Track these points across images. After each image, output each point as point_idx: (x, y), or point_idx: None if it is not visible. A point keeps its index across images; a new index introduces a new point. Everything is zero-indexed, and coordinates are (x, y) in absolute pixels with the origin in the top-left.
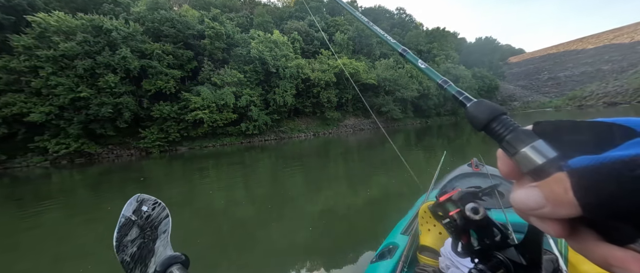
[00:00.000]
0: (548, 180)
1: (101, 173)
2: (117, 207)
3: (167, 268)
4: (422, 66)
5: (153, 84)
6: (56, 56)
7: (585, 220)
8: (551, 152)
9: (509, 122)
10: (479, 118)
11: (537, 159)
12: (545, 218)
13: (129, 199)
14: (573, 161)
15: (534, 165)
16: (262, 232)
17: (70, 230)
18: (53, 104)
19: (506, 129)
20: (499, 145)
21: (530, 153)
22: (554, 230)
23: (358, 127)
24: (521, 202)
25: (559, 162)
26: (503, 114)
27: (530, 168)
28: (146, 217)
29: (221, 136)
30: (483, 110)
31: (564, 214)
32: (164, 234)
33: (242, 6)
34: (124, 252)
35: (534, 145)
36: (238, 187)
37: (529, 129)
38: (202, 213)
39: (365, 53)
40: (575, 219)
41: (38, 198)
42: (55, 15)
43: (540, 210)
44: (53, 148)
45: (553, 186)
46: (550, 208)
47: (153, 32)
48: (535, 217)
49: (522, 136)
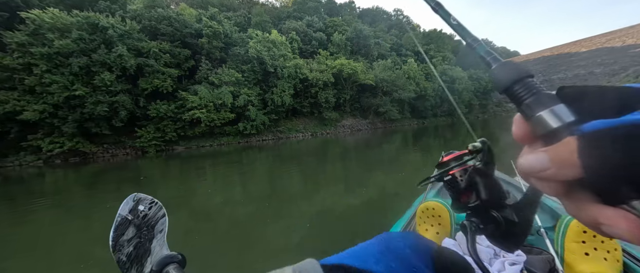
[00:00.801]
0: (557, 144)
1: (96, 173)
2: (114, 205)
3: (164, 268)
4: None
5: (150, 82)
6: (51, 53)
7: (584, 182)
8: (569, 117)
9: (534, 84)
10: (503, 79)
11: (553, 123)
12: (545, 180)
13: (126, 198)
14: (587, 125)
15: (548, 128)
16: (259, 232)
17: (64, 230)
18: (47, 102)
19: (529, 91)
20: (517, 108)
21: (547, 117)
22: (551, 189)
23: (356, 128)
24: (527, 163)
25: (573, 127)
26: (529, 76)
27: (543, 132)
28: (143, 216)
29: (218, 136)
30: (508, 70)
31: (566, 176)
32: (160, 234)
33: (240, 5)
34: (120, 252)
35: (553, 109)
36: (235, 187)
37: (553, 93)
38: (199, 213)
39: (363, 54)
40: (573, 181)
41: (31, 197)
42: (50, 12)
43: (544, 172)
44: (47, 147)
45: (560, 150)
46: (554, 170)
47: (150, 30)
48: (536, 178)
49: (544, 99)
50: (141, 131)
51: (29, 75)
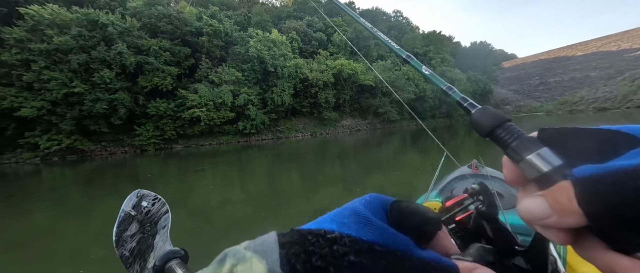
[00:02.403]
0: (553, 188)
1: (94, 171)
2: (112, 203)
3: (167, 263)
4: (426, 73)
5: (149, 80)
6: (49, 50)
7: (591, 228)
8: (556, 160)
9: (514, 129)
10: (484, 125)
11: (543, 167)
12: (551, 227)
13: (129, 194)
14: (577, 170)
15: (539, 172)
16: (258, 231)
17: (60, 228)
18: (45, 98)
19: (511, 136)
20: (504, 152)
21: (536, 161)
22: (559, 238)
23: (355, 128)
24: (528, 211)
25: (564, 170)
26: (508, 120)
27: (535, 176)
28: (146, 212)
29: (218, 135)
30: (488, 116)
31: (569, 223)
32: (163, 230)
33: (240, 4)
34: (123, 247)
35: (539, 153)
36: (234, 186)
37: (534, 136)
38: (198, 212)
39: (363, 54)
40: (580, 227)
41: (28, 195)
42: (49, 7)
43: (547, 220)
44: (44, 145)
45: (557, 195)
46: (556, 218)
47: (150, 28)
48: (541, 226)
49: (527, 143)
50: (140, 129)
51: (27, 72)
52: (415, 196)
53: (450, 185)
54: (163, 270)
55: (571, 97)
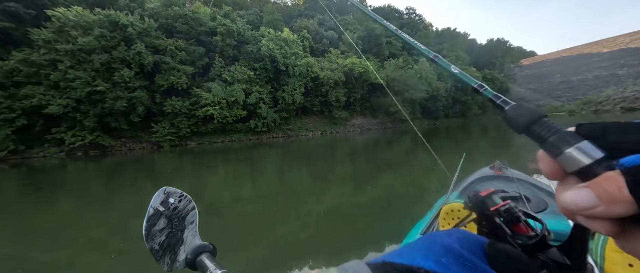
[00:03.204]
0: (598, 179)
1: (115, 165)
2: (132, 197)
3: (197, 257)
4: (456, 71)
5: (166, 79)
6: (74, 50)
7: (635, 218)
8: (598, 153)
9: (551, 124)
10: (520, 120)
11: (585, 160)
12: (596, 218)
13: (157, 191)
14: (625, 160)
15: (581, 165)
16: (269, 228)
17: (85, 219)
18: (70, 96)
19: (549, 130)
20: (541, 146)
21: (577, 154)
22: (605, 228)
23: (365, 127)
24: (572, 202)
25: (609, 162)
26: (544, 116)
27: (576, 169)
28: (173, 208)
29: (230, 132)
30: (524, 112)
31: (619, 212)
32: (191, 225)
33: (252, 4)
34: (152, 241)
35: (579, 146)
36: (246, 183)
37: (573, 131)
38: (210, 207)
39: (374, 53)
40: (626, 218)
41: (56, 187)
42: (74, 10)
43: (593, 210)
44: (69, 140)
45: (606, 185)
46: (605, 207)
47: (167, 28)
48: (585, 216)
49: (567, 137)
50: (157, 126)
51: (54, 71)
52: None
53: (472, 187)
54: (194, 263)
55: (596, 96)
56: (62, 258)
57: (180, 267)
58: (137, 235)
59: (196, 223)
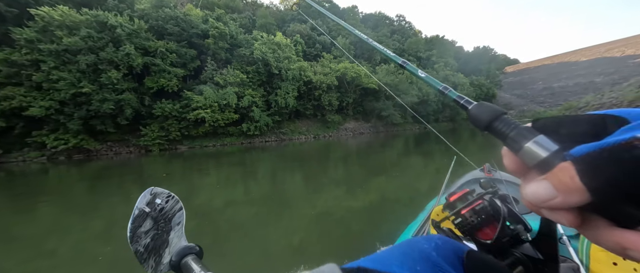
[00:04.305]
0: (554, 171)
1: (100, 170)
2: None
3: (183, 258)
4: (422, 75)
5: (156, 81)
6: (59, 50)
7: (595, 208)
8: (552, 145)
9: (510, 121)
10: (482, 118)
11: (541, 152)
12: (557, 209)
13: (143, 192)
14: (574, 150)
15: (539, 158)
16: (261, 233)
17: (66, 226)
18: (54, 98)
19: (508, 127)
20: (503, 143)
21: (534, 148)
22: (566, 219)
23: (358, 131)
24: (532, 194)
25: (562, 153)
26: (503, 113)
27: (535, 162)
28: (160, 209)
29: (222, 136)
30: (484, 111)
31: (574, 201)
32: (178, 226)
33: (245, 7)
34: (137, 243)
35: (536, 140)
36: (238, 187)
37: (529, 126)
38: (201, 213)
39: (366, 58)
40: (585, 208)
41: (34, 193)
42: (60, 9)
43: (552, 201)
44: (51, 144)
45: (560, 175)
46: (562, 197)
47: (157, 29)
48: (546, 208)
49: (524, 132)
50: (145, 130)
51: (37, 72)
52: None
53: (462, 189)
54: (179, 266)
55: (576, 102)
56: (42, 269)
57: (164, 270)
58: (122, 241)
59: (183, 225)
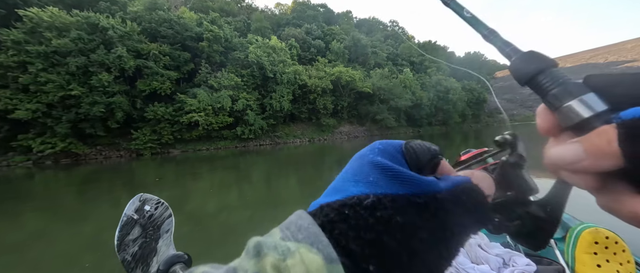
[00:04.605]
0: (590, 134)
1: (88, 175)
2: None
3: (170, 267)
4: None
5: (148, 84)
6: (47, 52)
7: (623, 174)
8: (601, 106)
9: (559, 74)
10: (525, 70)
11: (583, 113)
12: (580, 172)
13: (132, 198)
14: (625, 113)
15: (579, 119)
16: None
17: (52, 234)
18: (41, 101)
19: (555, 81)
20: (543, 99)
21: (577, 107)
22: (585, 182)
23: (352, 135)
24: (557, 156)
25: (608, 115)
26: (554, 65)
27: (572, 123)
28: (149, 216)
29: (216, 139)
30: (531, 60)
31: (603, 167)
32: (166, 234)
33: (240, 11)
34: (125, 251)
35: (582, 99)
36: (232, 191)
37: (580, 82)
38: (194, 218)
39: (361, 62)
40: (609, 173)
41: (19, 199)
42: (49, 10)
43: (578, 164)
44: (37, 148)
45: (595, 139)
46: (590, 161)
47: (150, 32)
48: (570, 170)
49: (572, 88)
50: (137, 133)
51: (24, 74)
52: None
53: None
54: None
55: None
56: None
57: None
58: (110, 249)
59: (172, 232)
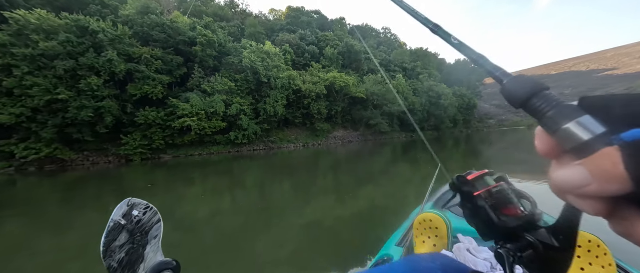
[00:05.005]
0: (593, 156)
1: (74, 181)
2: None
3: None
4: (455, 42)
5: (139, 88)
6: (34, 55)
7: (630, 197)
8: (599, 128)
9: (552, 97)
10: (519, 93)
11: (583, 135)
12: (587, 197)
13: (119, 203)
14: (626, 134)
15: (579, 141)
16: (249, 244)
17: (35, 241)
18: (26, 105)
19: (548, 104)
20: (539, 122)
21: (575, 129)
22: (593, 208)
23: (346, 139)
24: (563, 180)
25: (608, 137)
26: (546, 88)
27: (573, 145)
28: (136, 221)
29: (208, 144)
30: (523, 84)
31: (611, 190)
32: (154, 239)
33: (234, 16)
34: (111, 258)
35: (579, 121)
36: (224, 197)
37: (574, 104)
38: (184, 224)
39: (354, 68)
40: (619, 197)
41: (4, 207)
42: (37, 12)
43: (585, 188)
44: (20, 154)
45: (600, 162)
46: (597, 185)
47: (142, 36)
48: (576, 195)
49: (567, 111)
50: (126, 138)
51: (8, 77)
52: (407, 207)
53: (445, 196)
54: None
55: None
56: None
57: None
58: (96, 257)
59: (160, 238)
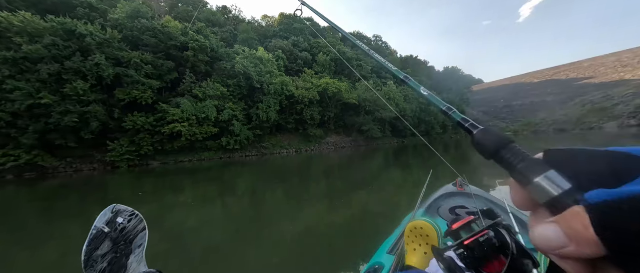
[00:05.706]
0: (565, 214)
1: (55, 190)
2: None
3: None
4: (425, 93)
5: (127, 93)
6: (16, 58)
7: (613, 260)
8: (564, 183)
9: (519, 150)
10: (488, 146)
11: (552, 190)
12: (568, 257)
13: (103, 210)
14: (590, 195)
15: (548, 197)
16: (240, 253)
17: (10, 255)
18: (5, 109)
19: (516, 157)
20: (510, 174)
21: (544, 184)
22: (574, 269)
23: (339, 145)
24: (542, 238)
25: (575, 195)
26: (511, 142)
27: (545, 200)
28: (121, 229)
29: (199, 150)
30: (491, 138)
31: (587, 253)
32: (138, 249)
33: (227, 22)
34: (92, 268)
35: (547, 175)
36: (215, 205)
37: (540, 158)
38: (172, 234)
39: (346, 74)
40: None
41: None
42: (21, 15)
43: (564, 250)
44: None
45: (572, 222)
46: (574, 247)
47: (132, 40)
48: (557, 256)
49: (533, 165)
50: (113, 144)
51: None
52: (399, 213)
53: (436, 203)
54: None
55: (534, 118)
56: None
57: None
58: (77, 268)
59: (144, 247)
